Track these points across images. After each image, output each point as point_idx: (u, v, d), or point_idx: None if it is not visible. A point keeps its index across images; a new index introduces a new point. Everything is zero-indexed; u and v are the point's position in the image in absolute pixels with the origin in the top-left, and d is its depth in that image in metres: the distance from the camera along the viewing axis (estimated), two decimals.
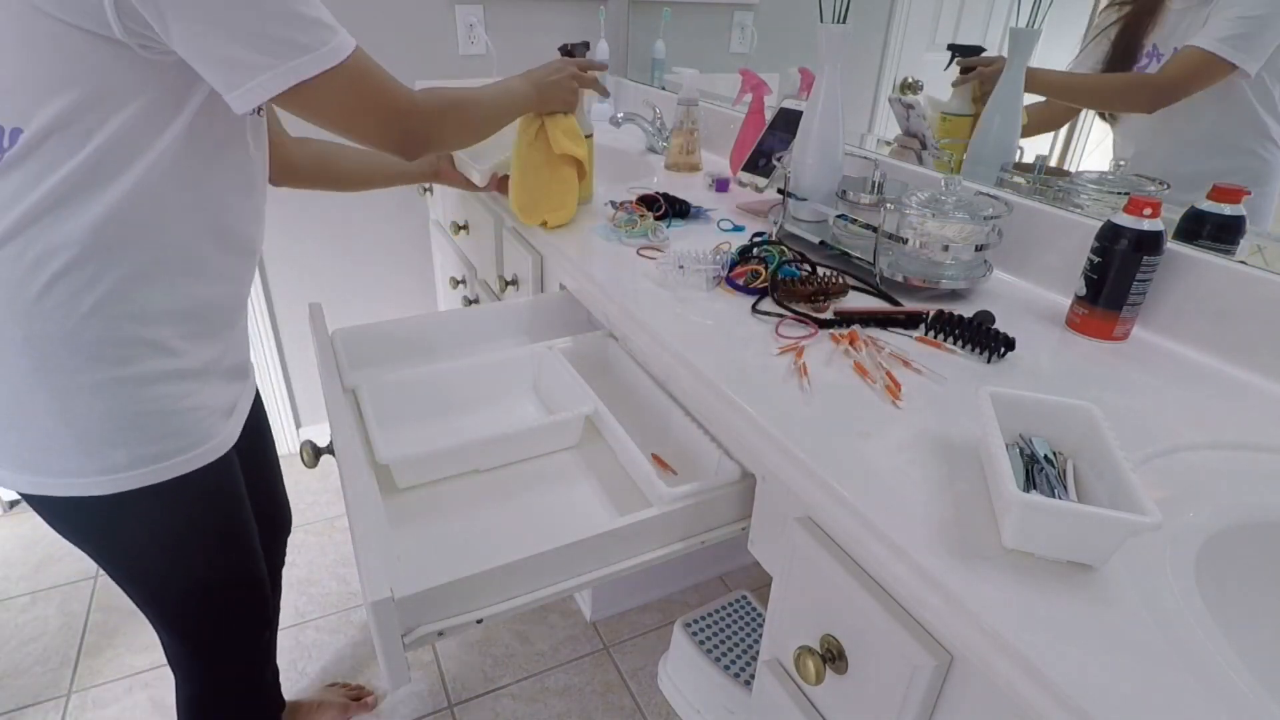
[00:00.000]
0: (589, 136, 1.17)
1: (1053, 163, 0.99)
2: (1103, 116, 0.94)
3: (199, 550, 0.82)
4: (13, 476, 0.70)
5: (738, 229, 1.13)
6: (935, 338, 0.78)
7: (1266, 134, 0.79)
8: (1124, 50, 0.88)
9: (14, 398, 0.66)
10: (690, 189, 1.34)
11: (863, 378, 0.70)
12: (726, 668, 1.03)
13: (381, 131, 0.74)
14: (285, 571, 1.68)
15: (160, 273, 0.68)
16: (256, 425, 0.99)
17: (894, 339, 0.78)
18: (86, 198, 0.62)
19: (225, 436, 0.79)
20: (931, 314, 0.79)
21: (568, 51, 1.15)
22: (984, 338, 0.74)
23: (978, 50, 1.08)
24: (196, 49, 0.60)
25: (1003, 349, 0.74)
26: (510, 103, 0.95)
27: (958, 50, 1.11)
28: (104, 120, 0.61)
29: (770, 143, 1.22)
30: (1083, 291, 0.80)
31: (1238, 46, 0.77)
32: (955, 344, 0.77)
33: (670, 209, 1.15)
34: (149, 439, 0.71)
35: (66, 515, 0.73)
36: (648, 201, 1.16)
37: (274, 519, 1.10)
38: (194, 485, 0.76)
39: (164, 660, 1.46)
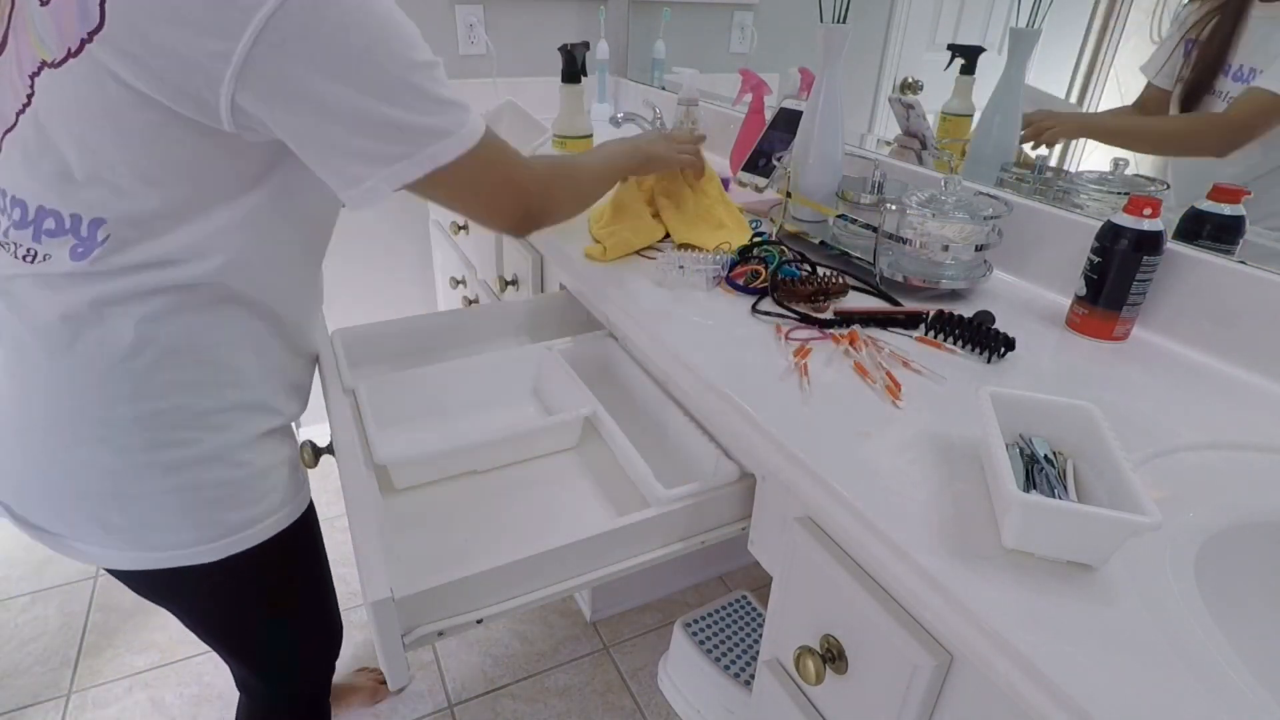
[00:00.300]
0: (588, 137, 1.18)
1: (1053, 163, 0.99)
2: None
3: (295, 601, 0.83)
4: (118, 555, 0.67)
5: (751, 227, 1.13)
6: (935, 338, 0.78)
7: None
8: (1207, 68, 0.81)
9: (124, 479, 0.64)
10: None
11: (863, 378, 0.70)
12: (726, 668, 1.03)
13: (509, 212, 0.70)
14: None
15: (253, 334, 0.67)
16: None
17: (894, 339, 0.78)
18: (181, 271, 0.60)
19: (308, 481, 0.80)
20: (931, 314, 0.79)
21: (568, 52, 1.15)
22: (984, 338, 0.74)
23: (978, 50, 1.08)
24: (314, 144, 0.57)
25: (1003, 349, 0.74)
26: (612, 172, 0.91)
27: (957, 50, 1.11)
28: (198, 209, 0.58)
29: (770, 143, 1.22)
30: (1083, 291, 0.80)
31: None
32: (955, 344, 0.77)
33: None
34: (255, 499, 0.70)
35: (167, 584, 0.72)
36: None
37: None
38: (294, 537, 0.76)
39: (164, 660, 1.46)
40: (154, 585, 0.73)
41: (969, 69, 1.10)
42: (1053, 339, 0.80)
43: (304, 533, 0.79)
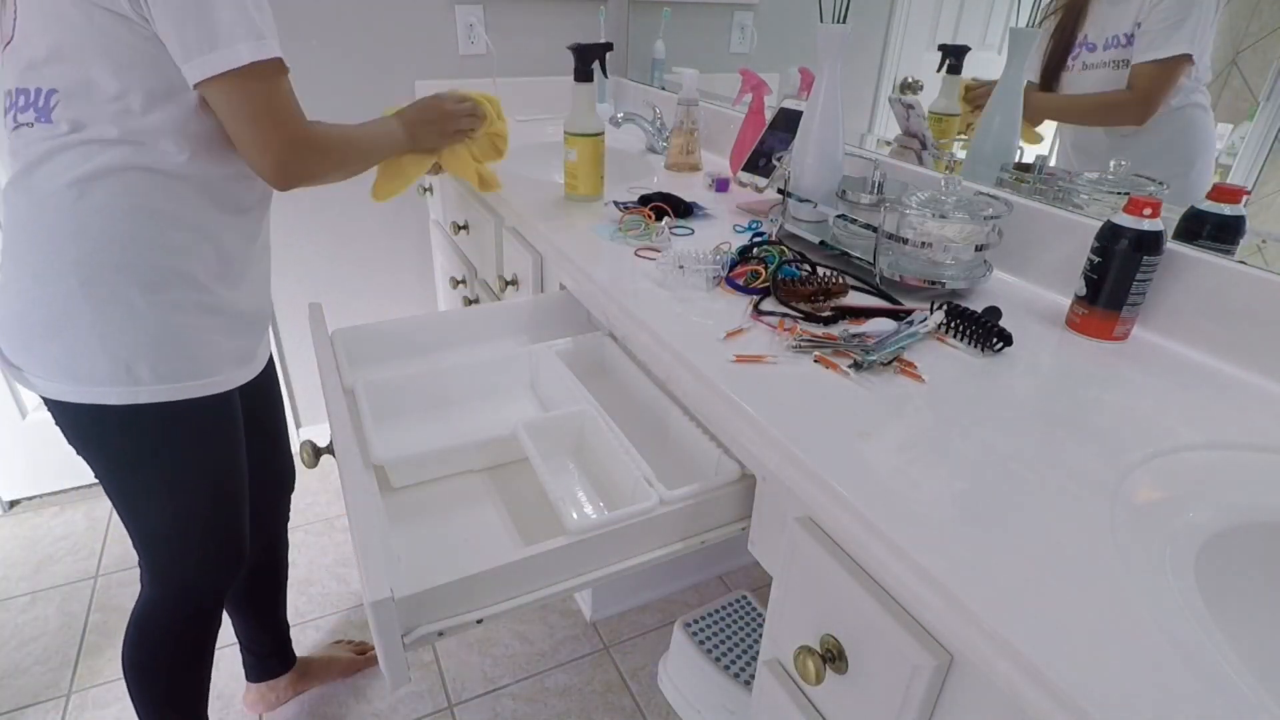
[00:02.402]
0: (599, 135, 1.18)
1: (1052, 163, 0.99)
2: None
3: (191, 476, 0.90)
4: (48, 384, 0.79)
5: (751, 227, 1.13)
6: (945, 328, 0.78)
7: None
8: (1062, 44, 0.96)
9: (63, 311, 0.76)
10: (690, 189, 1.34)
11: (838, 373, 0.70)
12: (726, 668, 1.03)
13: (267, 148, 0.76)
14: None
15: (184, 211, 0.79)
16: (266, 387, 1.07)
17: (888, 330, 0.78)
18: (118, 139, 0.74)
19: (235, 376, 0.89)
20: (944, 305, 0.79)
21: (579, 50, 1.15)
22: (984, 332, 0.75)
23: (964, 50, 1.10)
24: (164, 22, 0.70)
25: (997, 341, 0.74)
26: (387, 145, 0.99)
27: (948, 51, 1.11)
28: (131, 85, 0.73)
29: (770, 143, 1.22)
30: (1082, 291, 0.80)
31: (1173, 38, 0.83)
32: (958, 339, 0.77)
33: (674, 213, 1.15)
34: (169, 359, 0.81)
35: (87, 424, 0.83)
36: (647, 201, 1.16)
37: (278, 474, 1.19)
38: (200, 412, 0.86)
39: None
40: (75, 426, 0.83)
41: (956, 68, 1.11)
42: (1053, 339, 0.80)
43: (217, 419, 0.89)
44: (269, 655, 1.35)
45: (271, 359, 1.04)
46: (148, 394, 0.81)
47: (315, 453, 0.84)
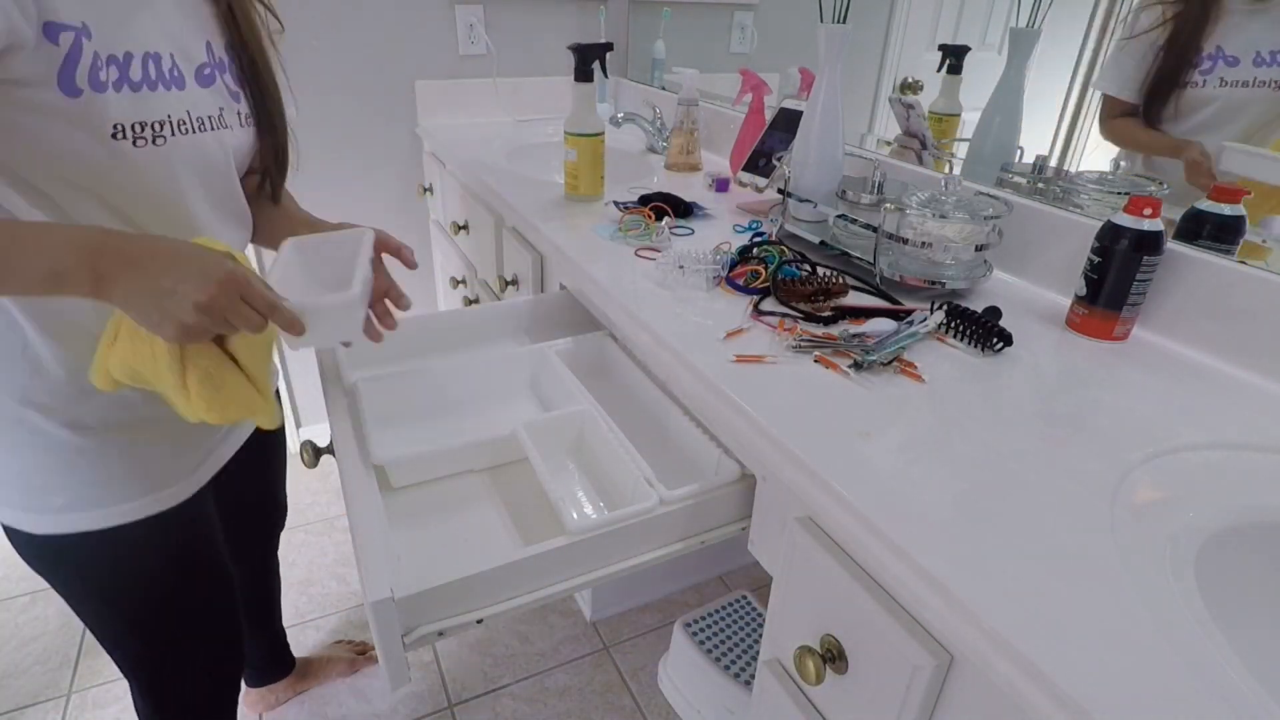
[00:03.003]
0: (599, 135, 1.18)
1: (1052, 163, 0.99)
2: None
3: (139, 604, 0.80)
4: None
5: (751, 227, 1.13)
6: (945, 328, 0.78)
7: None
8: (1178, 55, 0.83)
9: None
10: (690, 189, 1.34)
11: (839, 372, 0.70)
12: (726, 668, 1.03)
13: None
14: (285, 571, 1.68)
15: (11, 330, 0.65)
16: (257, 443, 0.95)
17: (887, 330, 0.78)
18: None
19: (180, 488, 0.76)
20: (944, 305, 0.79)
21: (579, 50, 1.15)
22: (984, 332, 0.75)
23: (964, 50, 1.09)
24: None
25: (997, 341, 0.74)
26: (10, 280, 0.55)
27: (948, 51, 1.11)
28: None
29: (770, 143, 1.22)
30: (1083, 291, 0.80)
31: None
32: (958, 339, 0.77)
33: (674, 213, 1.15)
34: (85, 483, 0.70)
35: (19, 544, 0.74)
36: (647, 201, 1.16)
37: (269, 514, 1.13)
38: (141, 533, 0.74)
39: None
40: (14, 542, 0.75)
41: (955, 68, 1.11)
42: (1053, 339, 0.80)
43: (161, 532, 0.76)
44: (266, 665, 1.35)
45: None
46: (65, 522, 0.71)
47: (315, 453, 0.84)
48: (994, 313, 0.82)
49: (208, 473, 0.81)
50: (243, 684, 1.35)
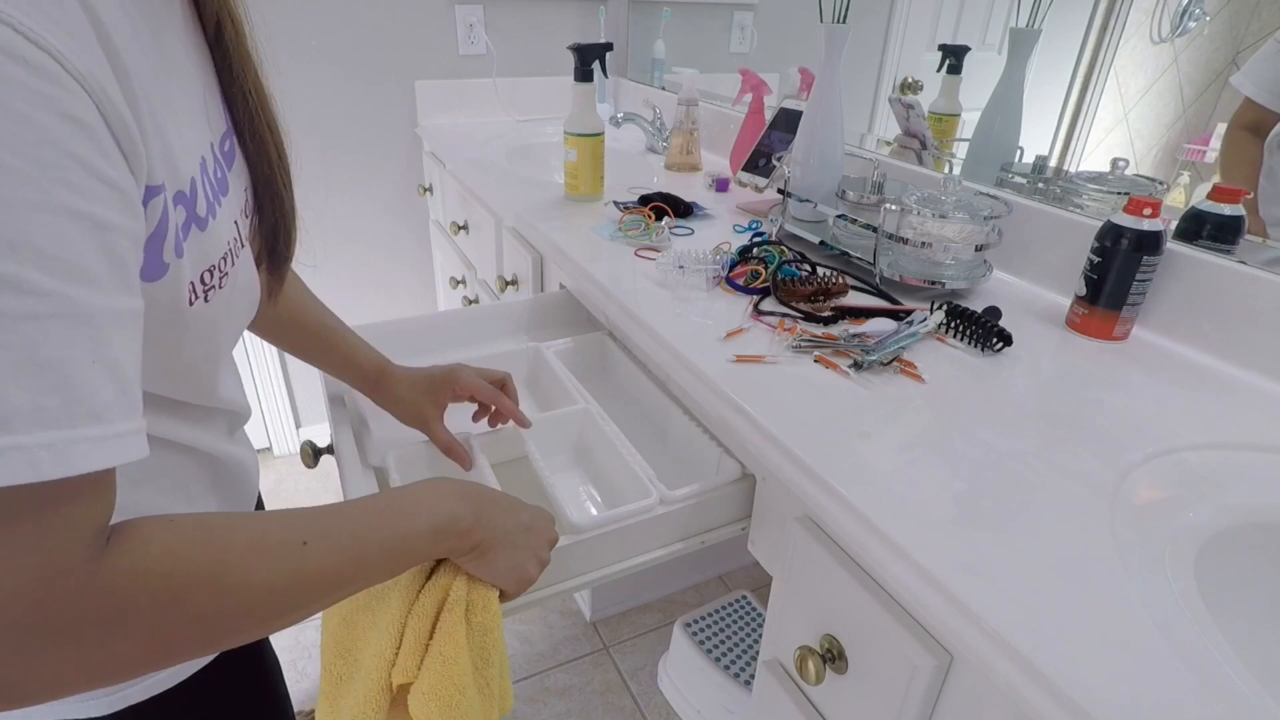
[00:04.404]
0: (599, 135, 1.18)
1: (1052, 163, 0.99)
2: None
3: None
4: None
5: (751, 227, 1.13)
6: (945, 328, 0.78)
7: None
8: None
9: None
10: (690, 189, 1.34)
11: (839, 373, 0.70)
12: (726, 668, 1.03)
13: None
14: None
15: None
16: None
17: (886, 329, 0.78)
18: None
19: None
20: (944, 305, 0.79)
21: (579, 50, 1.15)
22: (984, 332, 0.75)
23: (964, 50, 1.09)
24: None
25: (997, 341, 0.74)
26: (380, 551, 0.46)
27: (948, 51, 1.11)
28: None
29: (770, 143, 1.22)
30: (1083, 291, 0.80)
31: None
32: (958, 339, 0.77)
33: (674, 213, 1.15)
34: None
35: None
36: (647, 201, 1.16)
37: None
38: (215, 674, 0.59)
39: None
40: None
41: (955, 68, 1.11)
42: (1053, 339, 0.80)
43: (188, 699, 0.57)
44: None
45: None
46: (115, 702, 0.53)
47: (315, 453, 0.84)
48: (994, 313, 0.82)
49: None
50: None
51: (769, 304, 0.85)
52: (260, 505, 0.79)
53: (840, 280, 0.86)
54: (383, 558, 0.46)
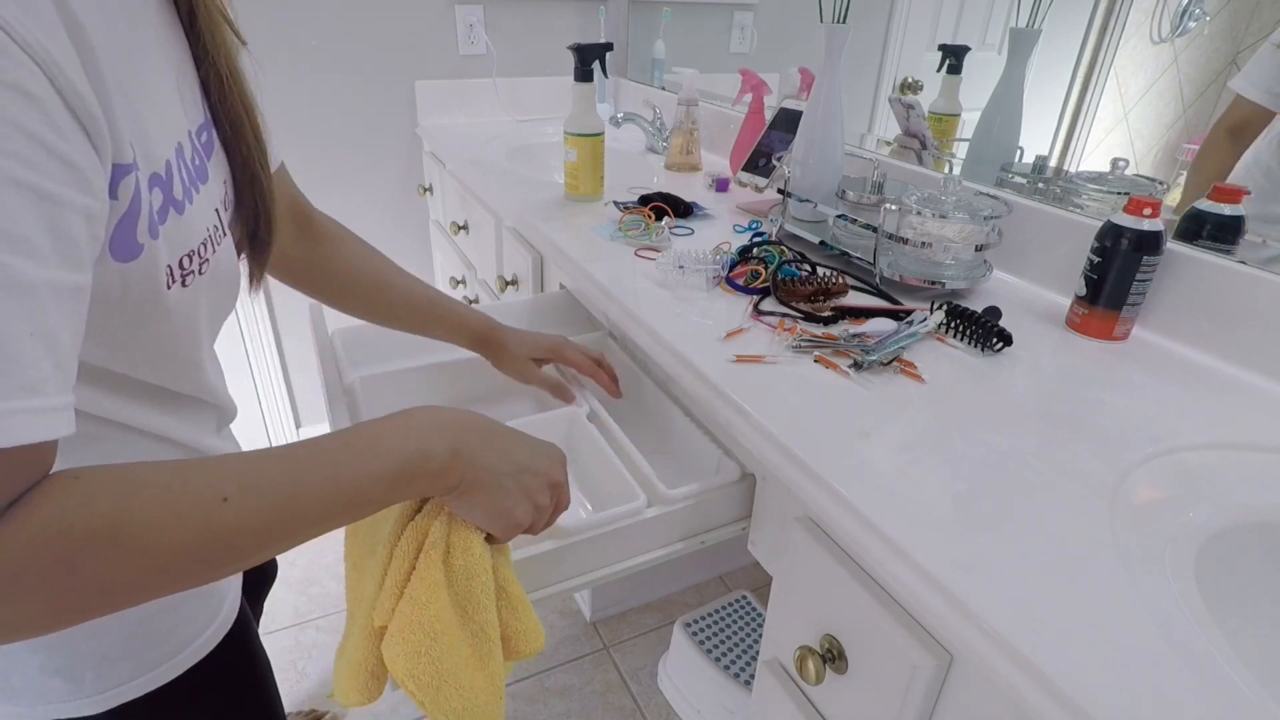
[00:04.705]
0: (599, 135, 1.18)
1: (1052, 163, 0.99)
2: None
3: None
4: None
5: (751, 227, 1.13)
6: (945, 328, 0.78)
7: None
8: None
9: None
10: (690, 189, 1.34)
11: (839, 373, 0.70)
12: (726, 668, 1.03)
13: None
14: (286, 571, 1.68)
15: None
16: None
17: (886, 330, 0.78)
18: None
19: (229, 609, 0.61)
20: (944, 305, 0.79)
21: (579, 50, 1.15)
22: (984, 332, 0.75)
23: (964, 50, 1.09)
24: None
25: (997, 341, 0.74)
26: (325, 498, 0.42)
27: (948, 51, 1.11)
28: None
29: (770, 143, 1.22)
30: (1083, 291, 0.80)
31: None
32: (958, 339, 0.77)
33: (674, 213, 1.15)
34: (151, 643, 0.55)
35: None
36: (647, 201, 1.16)
37: (260, 574, 0.93)
38: (206, 672, 0.59)
39: None
40: None
41: (955, 68, 1.11)
42: (1053, 339, 0.80)
43: (218, 665, 0.60)
44: None
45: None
46: (124, 692, 0.55)
47: None
48: (994, 313, 0.82)
49: (236, 578, 0.67)
50: None
51: (769, 304, 0.85)
52: None
53: (840, 280, 0.86)
54: (326, 509, 0.41)
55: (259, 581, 0.92)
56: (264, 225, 0.55)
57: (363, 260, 0.82)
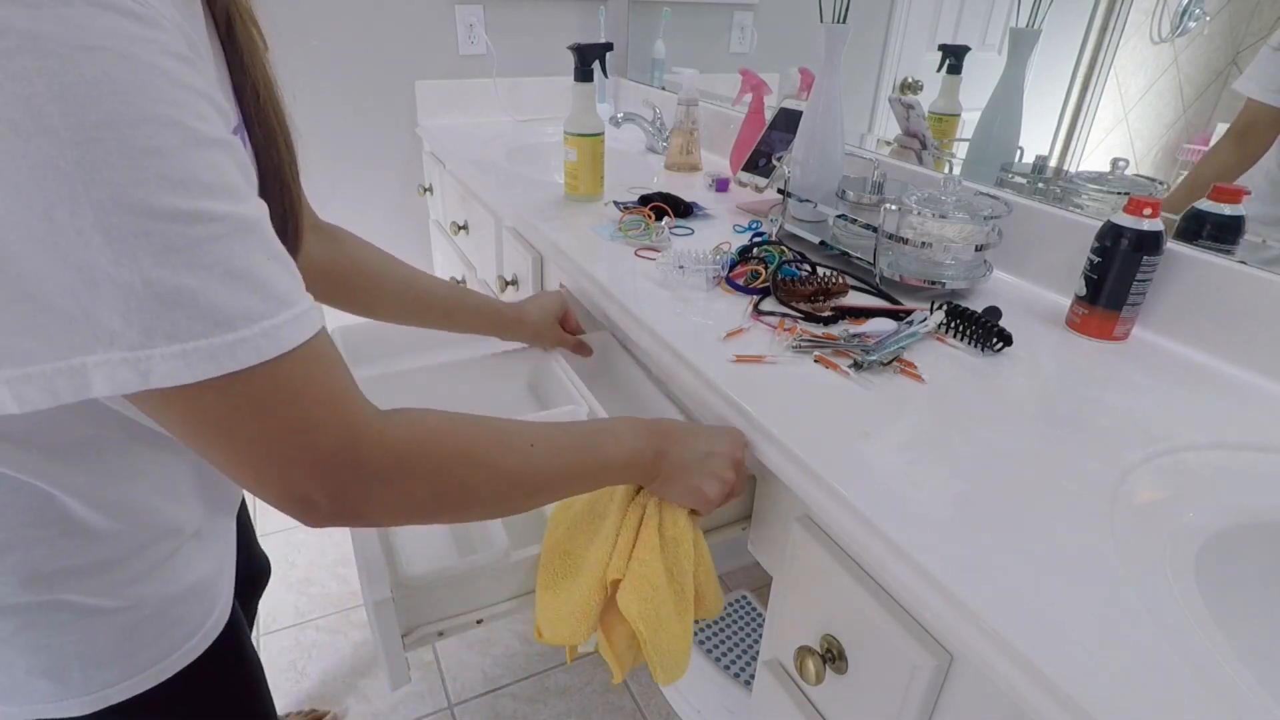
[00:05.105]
0: (599, 135, 1.18)
1: (1052, 163, 0.99)
2: None
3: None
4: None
5: (751, 227, 1.13)
6: (945, 328, 0.78)
7: None
8: None
9: None
10: (690, 189, 1.34)
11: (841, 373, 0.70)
12: (726, 668, 1.03)
13: (290, 474, 0.40)
14: (286, 571, 1.68)
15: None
16: None
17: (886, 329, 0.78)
18: None
19: (220, 612, 0.61)
20: (944, 305, 0.79)
21: (579, 50, 1.15)
22: (984, 332, 0.75)
23: (964, 50, 1.09)
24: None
25: (997, 341, 0.74)
26: (584, 469, 0.56)
27: (948, 51, 1.11)
28: None
29: (770, 143, 1.22)
30: (1083, 291, 0.80)
31: None
32: (958, 339, 0.77)
33: (674, 213, 1.15)
34: (143, 645, 0.55)
35: None
36: (647, 201, 1.16)
37: (255, 579, 0.94)
38: (197, 674, 0.59)
39: None
40: None
41: (955, 68, 1.11)
42: (1053, 339, 0.80)
43: (214, 662, 0.60)
44: None
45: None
46: (112, 694, 0.55)
47: None
48: (994, 313, 0.82)
49: (229, 580, 0.66)
50: None
51: (769, 304, 0.85)
52: (245, 508, 0.81)
53: (840, 280, 0.86)
54: (585, 474, 0.56)
55: (250, 584, 0.91)
56: (291, 231, 0.56)
57: (380, 259, 0.83)
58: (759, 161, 1.22)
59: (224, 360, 0.35)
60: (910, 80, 1.20)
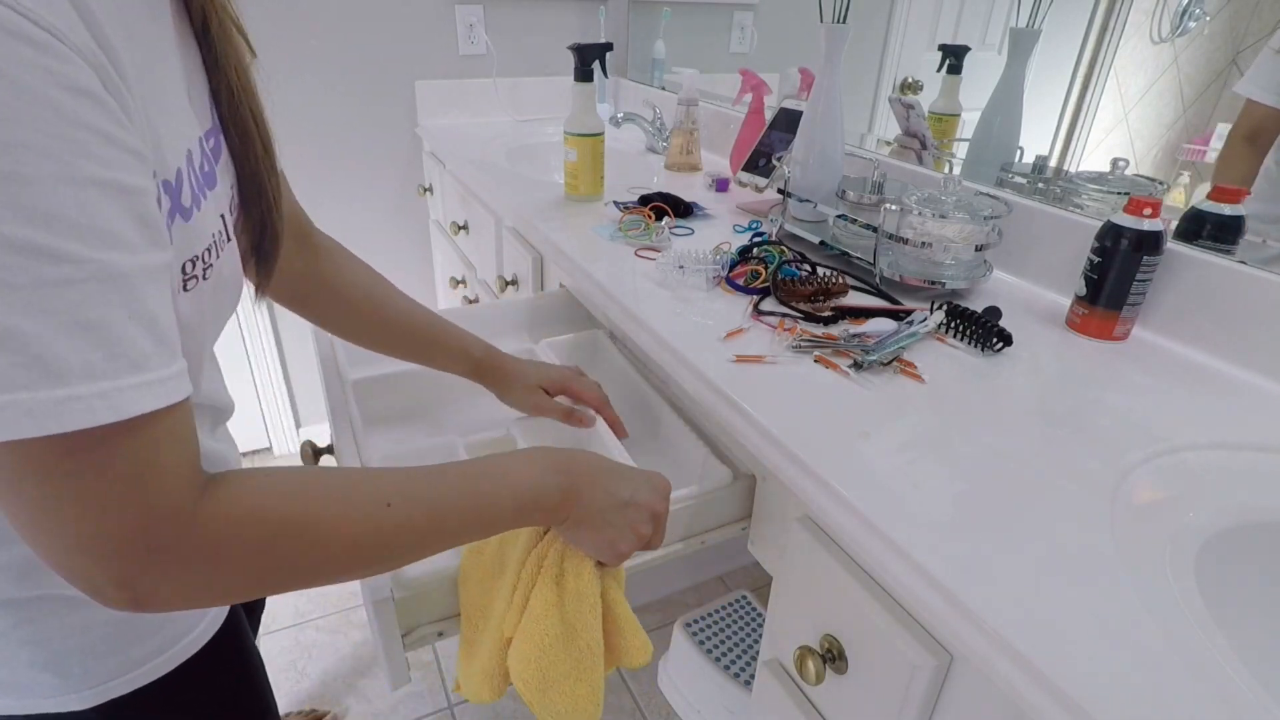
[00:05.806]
0: (599, 135, 1.18)
1: (1052, 163, 0.99)
2: None
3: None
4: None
5: (751, 227, 1.13)
6: (945, 328, 0.78)
7: None
8: None
9: None
10: (690, 189, 1.34)
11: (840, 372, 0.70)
12: (726, 668, 1.03)
13: (70, 555, 0.35)
14: None
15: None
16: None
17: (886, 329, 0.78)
18: None
19: (215, 613, 0.61)
20: (944, 305, 0.79)
21: (579, 50, 1.15)
22: (984, 332, 0.75)
23: (964, 50, 1.09)
24: None
25: (997, 341, 0.74)
26: (463, 520, 0.49)
27: (948, 51, 1.11)
28: None
29: (770, 143, 1.22)
30: (1083, 291, 0.80)
31: None
32: (958, 339, 0.77)
33: (674, 213, 1.15)
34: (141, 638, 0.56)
35: None
36: (647, 201, 1.16)
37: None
38: (198, 669, 0.60)
39: None
40: None
41: (955, 68, 1.11)
42: (1053, 339, 0.80)
43: (208, 662, 0.60)
44: None
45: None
46: (114, 688, 0.55)
47: (315, 453, 0.84)
48: (994, 313, 0.82)
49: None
50: None
51: (769, 304, 0.85)
52: None
53: (840, 280, 0.86)
54: (464, 524, 0.49)
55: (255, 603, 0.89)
56: (269, 236, 0.56)
57: (361, 279, 0.78)
58: (759, 161, 1.22)
59: (44, 420, 0.31)
60: (910, 80, 1.20)
